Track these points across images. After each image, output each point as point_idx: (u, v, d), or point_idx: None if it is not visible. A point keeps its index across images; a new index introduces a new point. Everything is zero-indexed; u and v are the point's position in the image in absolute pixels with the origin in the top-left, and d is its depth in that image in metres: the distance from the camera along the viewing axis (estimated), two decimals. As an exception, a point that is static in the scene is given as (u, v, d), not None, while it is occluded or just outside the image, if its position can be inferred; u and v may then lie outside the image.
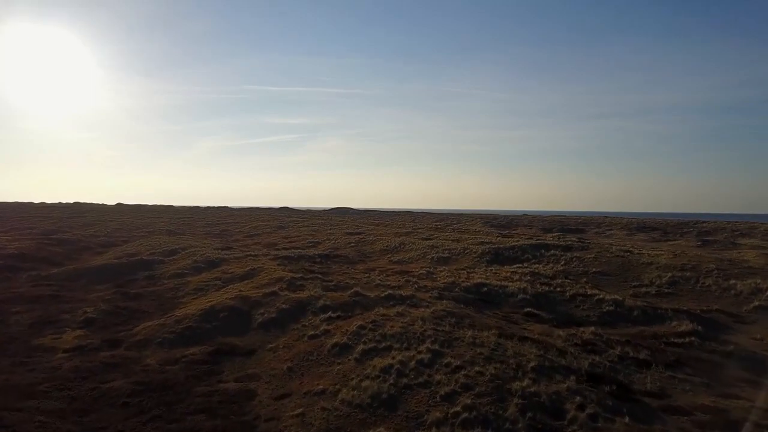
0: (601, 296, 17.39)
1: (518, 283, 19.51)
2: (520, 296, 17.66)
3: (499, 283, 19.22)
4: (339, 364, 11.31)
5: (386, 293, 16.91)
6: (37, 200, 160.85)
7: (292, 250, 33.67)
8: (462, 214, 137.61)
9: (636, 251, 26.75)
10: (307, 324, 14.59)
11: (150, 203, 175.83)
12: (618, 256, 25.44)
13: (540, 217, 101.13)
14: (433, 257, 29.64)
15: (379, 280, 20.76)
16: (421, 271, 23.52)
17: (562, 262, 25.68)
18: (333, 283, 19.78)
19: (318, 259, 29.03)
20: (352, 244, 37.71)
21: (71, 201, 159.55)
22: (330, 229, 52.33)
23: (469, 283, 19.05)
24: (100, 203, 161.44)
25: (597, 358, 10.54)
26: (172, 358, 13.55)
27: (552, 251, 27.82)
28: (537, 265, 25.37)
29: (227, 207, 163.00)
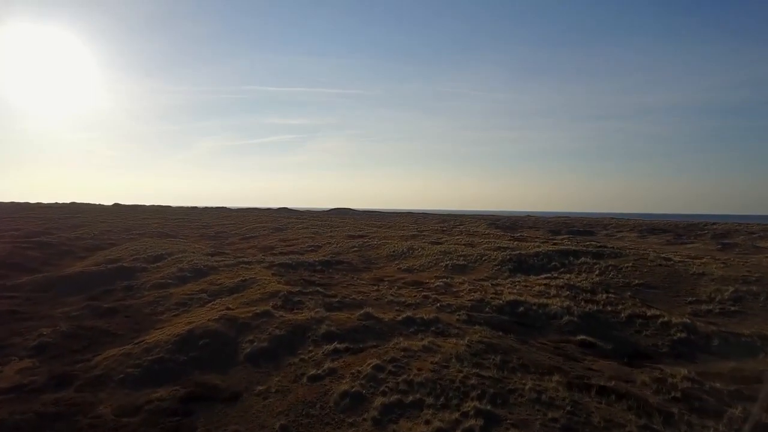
0: (665, 318, 14.22)
1: (557, 299, 16.36)
2: (566, 318, 14.50)
3: (536, 300, 16.05)
4: (351, 426, 8.24)
5: (404, 315, 13.81)
6: (33, 200, 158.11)
7: (290, 256, 30.60)
8: (463, 215, 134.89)
9: (679, 259, 23.64)
10: (306, 358, 11.51)
11: (149, 203, 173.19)
12: (660, 265, 22.30)
13: (544, 219, 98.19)
14: (447, 264, 26.52)
15: (391, 295, 17.67)
16: (437, 283, 20.42)
17: (597, 272, 22.54)
18: (337, 299, 16.71)
19: (318, 267, 25.92)
20: (355, 249, 34.55)
21: (68, 201, 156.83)
22: (330, 232, 49.23)
23: (501, 301, 15.88)
24: (98, 203, 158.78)
25: (720, 427, 7.50)
26: (133, 404, 10.47)
27: (582, 258, 24.69)
28: (568, 275, 22.22)
29: (225, 207, 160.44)
